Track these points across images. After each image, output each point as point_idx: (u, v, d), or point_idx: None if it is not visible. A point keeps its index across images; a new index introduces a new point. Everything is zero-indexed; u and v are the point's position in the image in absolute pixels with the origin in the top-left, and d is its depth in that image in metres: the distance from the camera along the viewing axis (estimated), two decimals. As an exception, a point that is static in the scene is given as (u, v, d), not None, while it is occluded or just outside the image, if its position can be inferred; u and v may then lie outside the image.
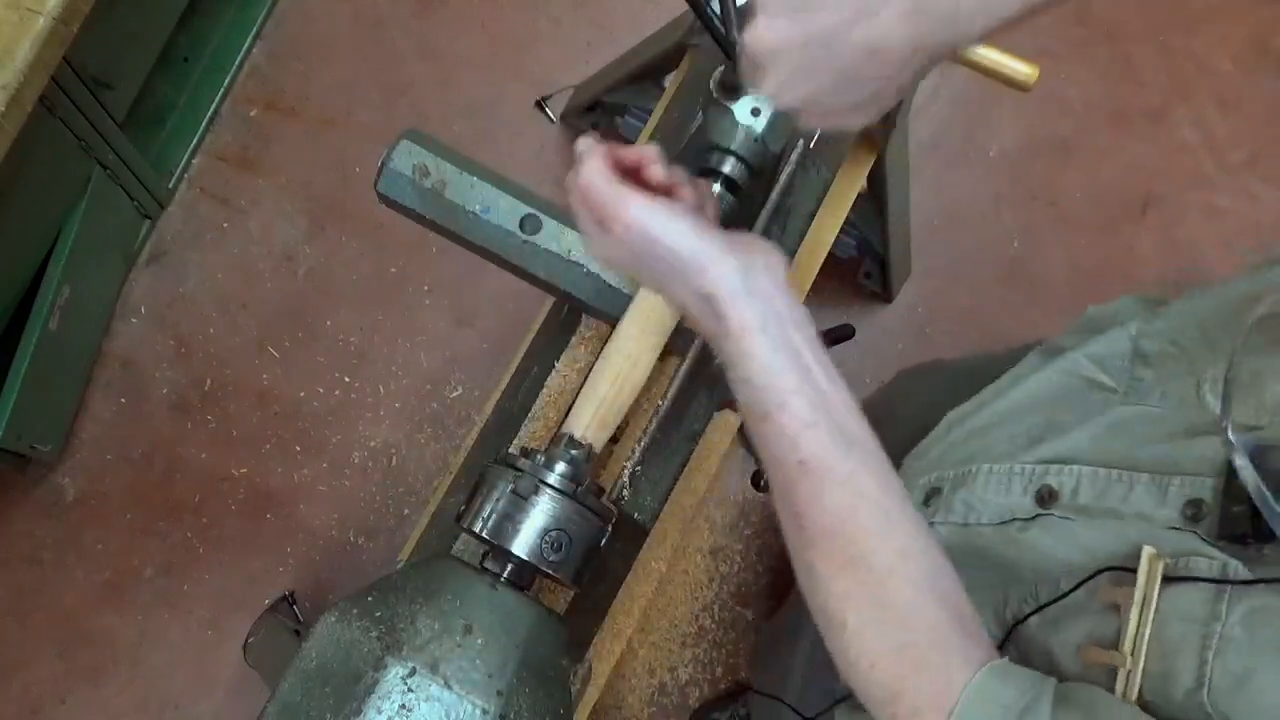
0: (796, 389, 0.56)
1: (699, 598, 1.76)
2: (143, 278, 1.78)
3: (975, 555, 0.71)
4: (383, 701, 0.59)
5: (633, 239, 0.59)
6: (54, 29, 1.04)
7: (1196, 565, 0.54)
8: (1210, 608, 0.52)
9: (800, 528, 0.56)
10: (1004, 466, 0.72)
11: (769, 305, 0.58)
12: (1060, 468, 0.68)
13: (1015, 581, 0.68)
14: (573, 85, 1.82)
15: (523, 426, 0.87)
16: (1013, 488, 0.71)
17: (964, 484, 0.74)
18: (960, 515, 0.73)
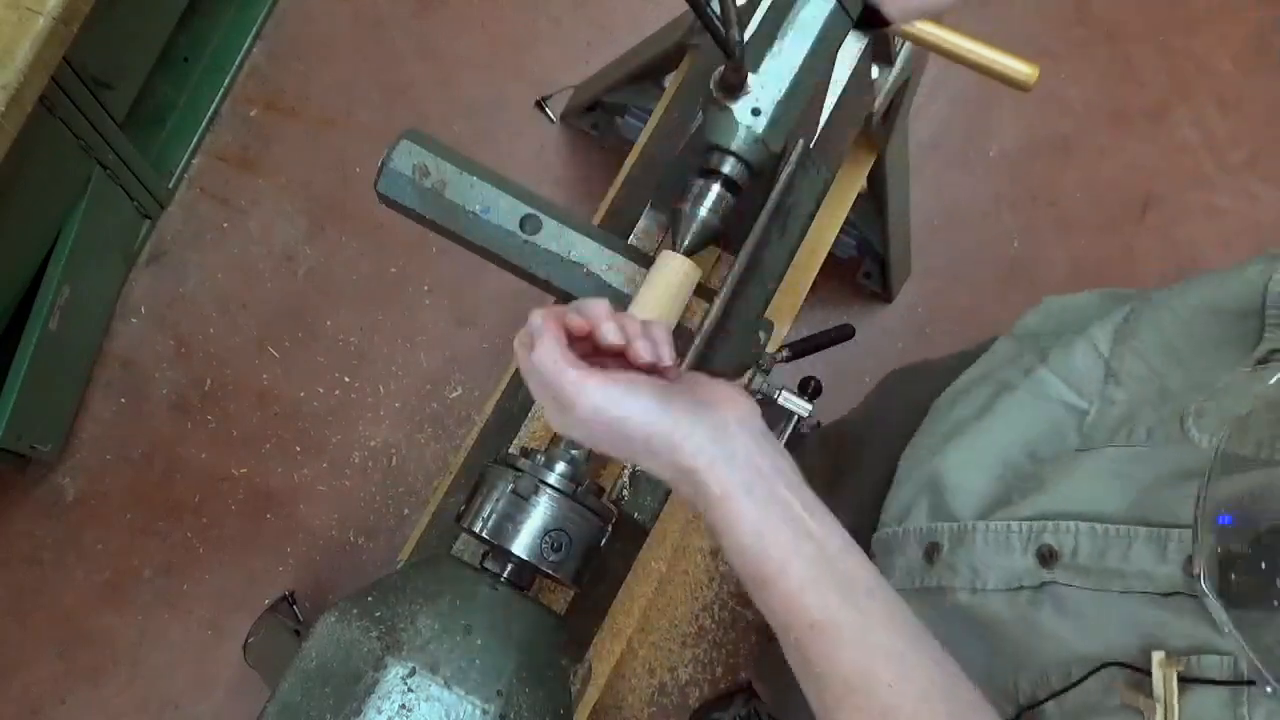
0: (794, 549, 0.54)
1: (699, 598, 1.76)
2: (143, 278, 1.78)
3: (987, 630, 0.71)
4: (383, 701, 0.59)
5: (595, 422, 0.56)
6: (54, 29, 1.04)
7: (1209, 666, 0.55)
8: (1233, 713, 0.53)
9: (822, 689, 0.55)
10: (1000, 525, 0.71)
11: (750, 465, 0.56)
12: (1057, 525, 0.67)
13: (1026, 665, 0.68)
14: (573, 85, 1.82)
15: (523, 426, 0.87)
16: (1012, 547, 0.70)
17: (963, 542, 0.74)
18: (966, 580, 0.73)
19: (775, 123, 0.74)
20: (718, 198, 0.75)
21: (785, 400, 0.79)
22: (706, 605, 1.76)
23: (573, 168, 1.88)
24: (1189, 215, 1.91)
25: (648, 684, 1.72)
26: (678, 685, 1.73)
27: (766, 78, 0.74)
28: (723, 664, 1.74)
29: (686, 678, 1.73)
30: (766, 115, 0.73)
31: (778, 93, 0.74)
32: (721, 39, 0.65)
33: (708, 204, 0.75)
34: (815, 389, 0.80)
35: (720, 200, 0.75)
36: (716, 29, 0.64)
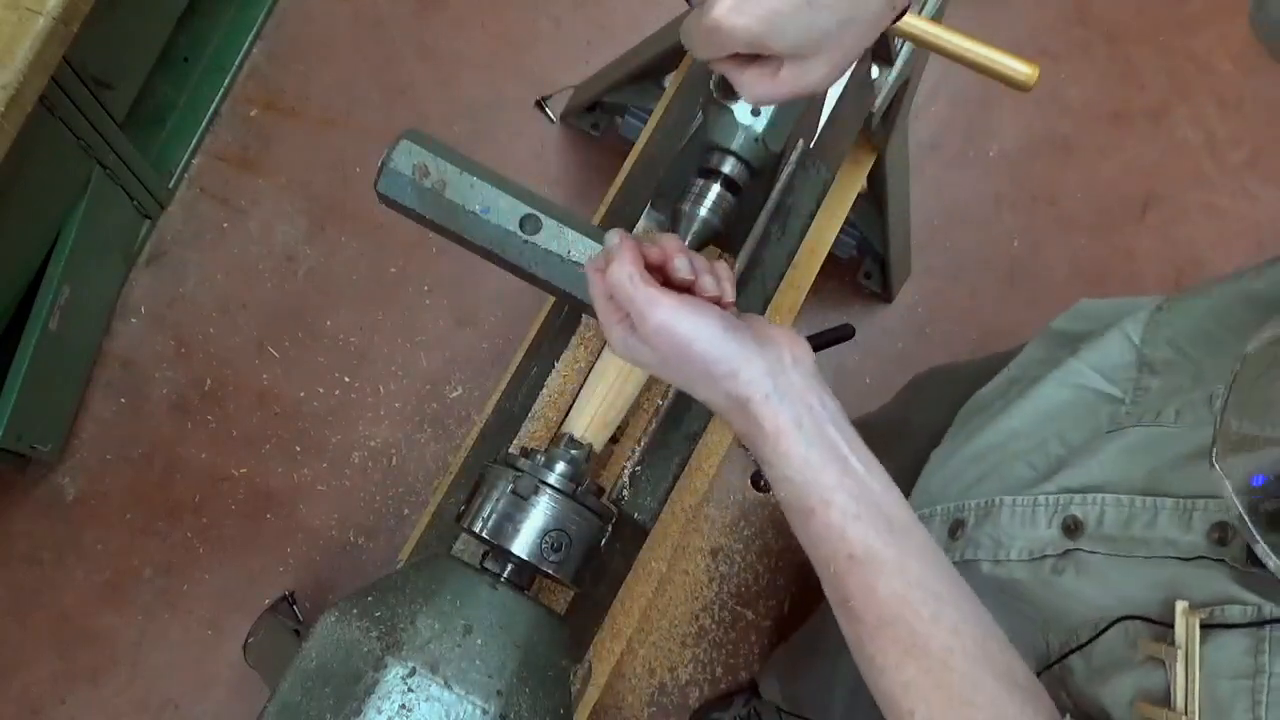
0: (838, 484, 0.56)
1: (699, 598, 1.76)
2: (143, 278, 1.78)
3: (1011, 596, 0.73)
4: (383, 701, 0.59)
5: (661, 342, 0.58)
6: (54, 29, 1.04)
7: (1231, 613, 0.56)
8: (1254, 660, 0.55)
9: (857, 620, 0.57)
10: (1027, 498, 0.73)
11: (802, 403, 0.58)
12: (1084, 497, 0.69)
13: (1051, 624, 0.70)
14: (573, 85, 1.82)
15: (523, 426, 0.87)
16: (1038, 520, 0.72)
17: (989, 518, 0.75)
18: (990, 552, 0.74)
19: (775, 123, 0.74)
20: (718, 198, 0.75)
21: (785, 400, 0.78)
22: (706, 605, 1.76)
23: (573, 168, 1.88)
24: (1189, 215, 1.91)
25: (648, 684, 1.72)
26: (678, 685, 1.73)
27: (766, 78, 0.74)
28: (723, 664, 1.74)
29: (686, 678, 1.73)
30: (766, 115, 0.73)
31: (778, 93, 0.74)
32: (721, 39, 0.65)
33: (708, 204, 0.75)
34: (815, 389, 0.80)
35: (720, 200, 0.75)
36: (716, 29, 0.64)
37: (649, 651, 1.73)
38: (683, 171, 0.79)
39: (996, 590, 0.73)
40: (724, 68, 0.57)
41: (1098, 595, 0.66)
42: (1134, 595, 0.63)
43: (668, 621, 1.74)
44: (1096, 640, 0.65)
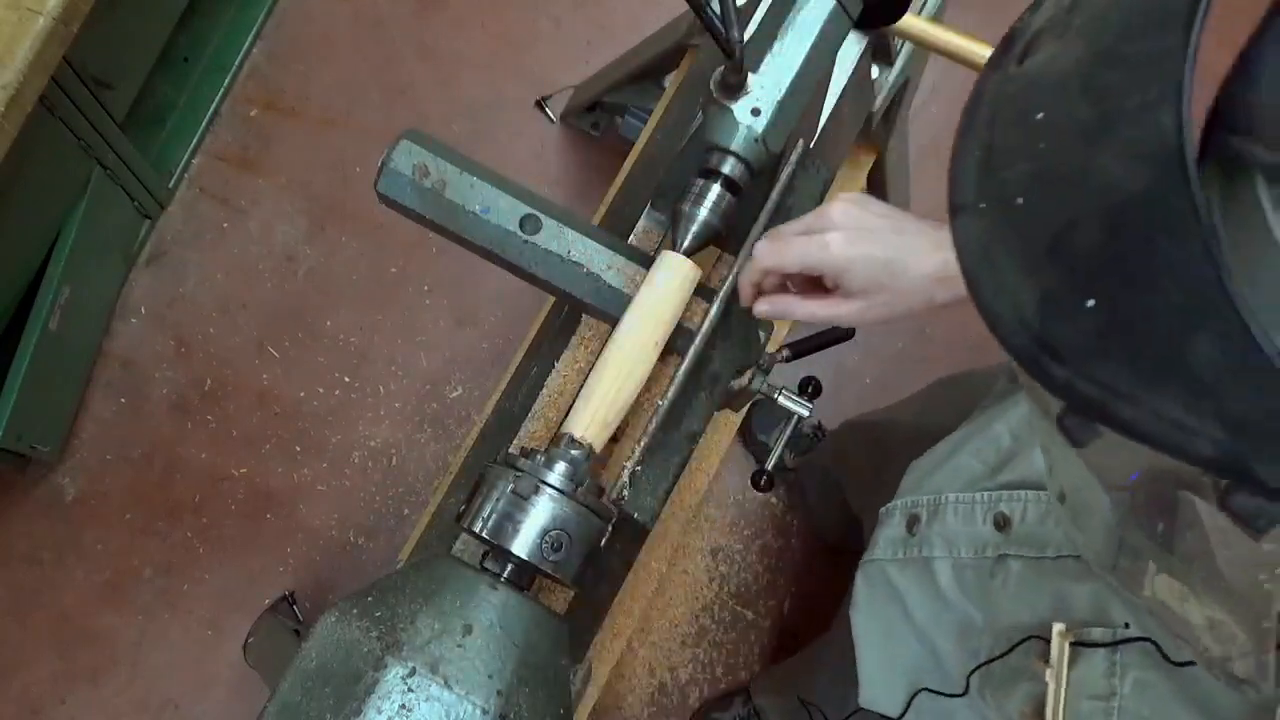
0: None
1: (699, 598, 1.76)
2: (143, 278, 1.78)
3: (968, 595, 0.79)
4: (383, 701, 0.59)
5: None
6: (54, 29, 1.04)
7: (1094, 634, 0.64)
8: (1108, 681, 0.63)
9: None
10: (968, 495, 0.79)
11: None
12: (1012, 494, 0.74)
13: (991, 630, 0.75)
14: (573, 85, 1.82)
15: (523, 426, 0.87)
16: (975, 517, 0.79)
17: (938, 515, 0.82)
18: (944, 550, 0.80)
19: (775, 123, 0.74)
20: (718, 198, 0.75)
21: (785, 400, 0.79)
22: (706, 605, 1.76)
23: (573, 168, 1.88)
24: (1189, 215, 1.91)
25: (648, 684, 1.72)
26: (678, 685, 1.73)
27: (766, 78, 0.74)
28: (723, 664, 1.74)
29: (686, 678, 1.73)
30: (766, 115, 0.73)
31: (778, 93, 0.74)
32: (721, 39, 0.65)
33: (708, 204, 0.75)
34: (815, 389, 0.80)
35: (720, 200, 0.76)
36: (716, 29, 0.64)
37: (649, 651, 1.73)
38: (683, 171, 0.79)
39: (956, 591, 0.76)
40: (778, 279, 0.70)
41: (1017, 608, 0.72)
42: (1040, 610, 0.69)
43: (668, 621, 1.74)
44: (1009, 653, 0.71)
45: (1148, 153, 0.27)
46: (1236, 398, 0.27)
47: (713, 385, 0.82)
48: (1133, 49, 0.28)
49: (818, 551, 1.79)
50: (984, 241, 0.34)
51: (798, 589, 1.78)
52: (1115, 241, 0.28)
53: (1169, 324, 0.27)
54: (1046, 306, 0.31)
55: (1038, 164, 0.31)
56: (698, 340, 0.75)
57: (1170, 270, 0.26)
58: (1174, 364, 0.27)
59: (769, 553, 1.79)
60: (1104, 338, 0.29)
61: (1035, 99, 0.32)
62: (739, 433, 1.66)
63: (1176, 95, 0.26)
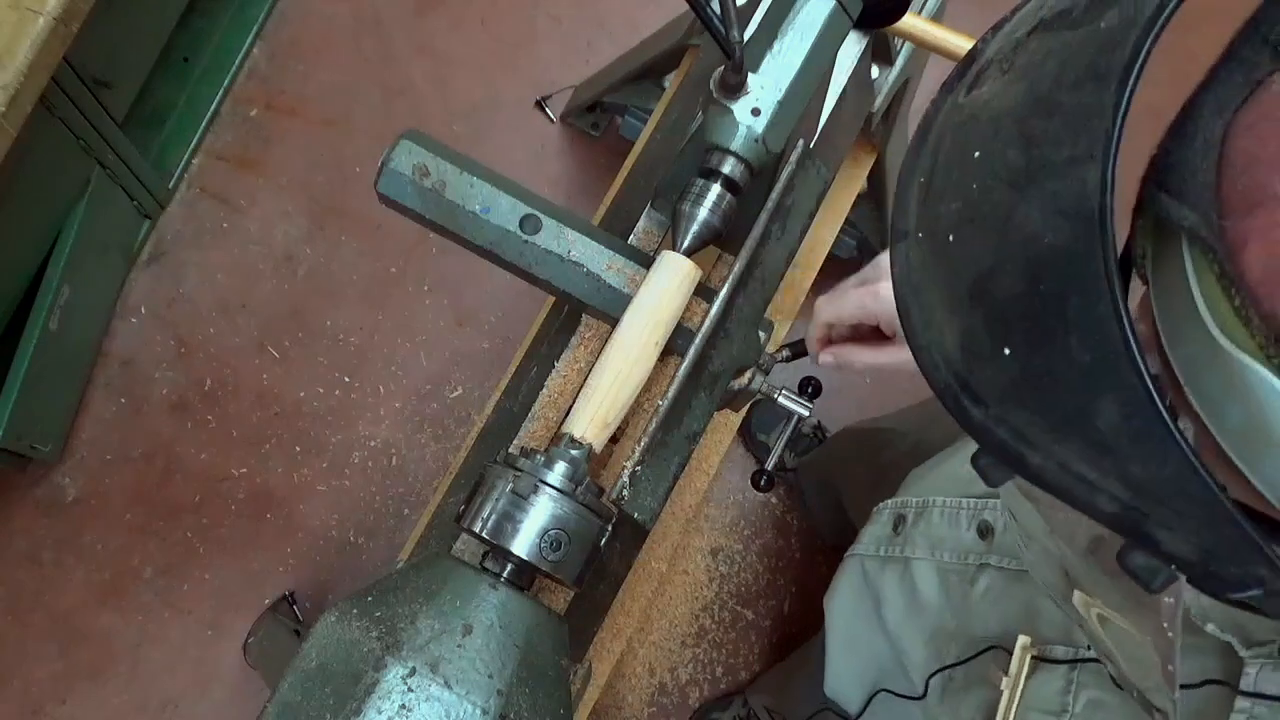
0: None
1: (699, 598, 1.76)
2: (143, 278, 1.78)
3: (945, 601, 0.80)
4: (383, 701, 0.59)
5: None
6: (54, 29, 1.04)
7: (1055, 651, 0.66)
8: (1062, 698, 0.63)
9: None
10: (954, 501, 0.79)
11: None
12: (996, 502, 0.74)
13: (959, 637, 0.76)
14: (573, 85, 1.82)
15: (523, 426, 0.87)
16: (960, 521, 0.79)
17: (923, 516, 0.82)
18: (926, 551, 0.80)
19: (775, 123, 0.74)
20: (718, 198, 0.75)
21: (785, 400, 0.79)
22: (706, 605, 1.76)
23: (573, 168, 1.88)
24: (1189, 215, 1.91)
25: (648, 684, 1.72)
26: (678, 685, 1.73)
27: (766, 78, 0.74)
28: (723, 664, 1.74)
29: (686, 678, 1.73)
30: (766, 115, 0.73)
31: (778, 93, 0.74)
32: (721, 39, 0.65)
33: (708, 204, 0.75)
34: (815, 389, 0.80)
35: (720, 200, 0.76)
36: (716, 29, 0.64)
37: (649, 651, 1.73)
38: (683, 171, 0.79)
39: (937, 593, 0.77)
40: (846, 329, 0.72)
41: (989, 617, 0.73)
42: (1012, 617, 0.70)
43: (668, 621, 1.74)
44: (972, 660, 0.72)
45: (1069, 208, 0.27)
46: (1136, 462, 0.27)
47: (713, 385, 0.82)
48: (1068, 99, 0.28)
49: (818, 551, 1.79)
50: (917, 273, 0.33)
51: (798, 589, 1.78)
52: (1032, 293, 0.27)
53: (1077, 382, 0.27)
54: (968, 348, 0.30)
55: (969, 204, 0.30)
56: (698, 340, 0.75)
57: (1080, 330, 0.26)
58: (1080, 422, 0.27)
59: (769, 553, 1.79)
60: (1018, 387, 0.29)
61: (974, 135, 0.31)
62: (739, 433, 1.66)
63: (1104, 153, 0.26)
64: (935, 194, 0.33)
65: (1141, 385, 0.25)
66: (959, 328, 0.31)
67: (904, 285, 0.34)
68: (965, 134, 0.32)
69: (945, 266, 0.31)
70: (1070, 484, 0.29)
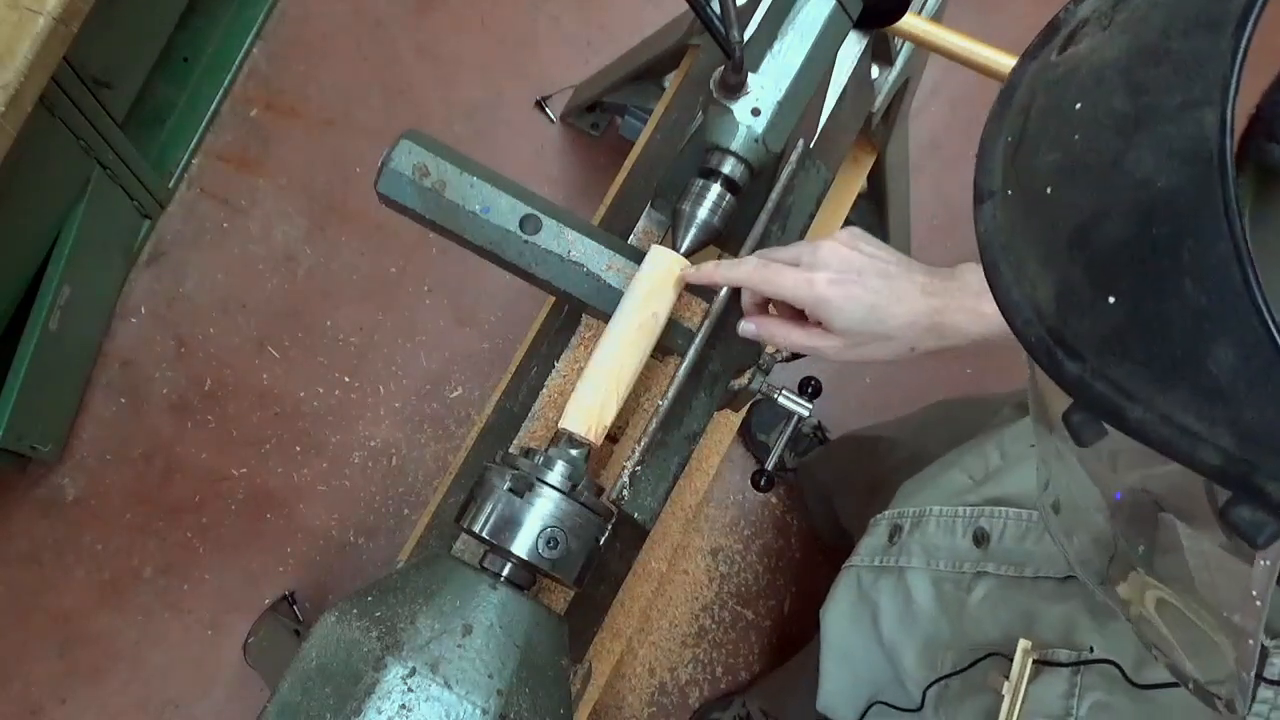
0: None
1: (699, 598, 1.76)
2: (143, 278, 1.78)
3: (940, 608, 0.79)
4: (383, 701, 0.59)
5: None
6: (54, 29, 1.04)
7: (1059, 655, 0.65)
8: (1065, 702, 0.63)
9: None
10: (950, 509, 0.80)
11: None
12: (992, 510, 0.74)
13: (955, 645, 0.75)
14: (573, 85, 1.82)
15: (523, 426, 0.87)
16: (956, 530, 0.80)
17: (920, 526, 0.82)
18: (922, 560, 0.79)
19: (775, 123, 0.74)
20: (718, 198, 0.75)
21: (785, 400, 0.79)
22: (706, 605, 1.76)
23: (573, 168, 1.88)
24: (1189, 215, 1.91)
25: (648, 684, 1.72)
26: (678, 685, 1.73)
27: (766, 78, 0.74)
28: (723, 664, 1.74)
29: (686, 678, 1.73)
30: (766, 115, 0.73)
31: (778, 93, 0.74)
32: (721, 39, 0.65)
33: (708, 204, 0.75)
34: (815, 389, 0.80)
35: (720, 200, 0.76)
36: (716, 29, 0.64)
37: (649, 651, 1.73)
38: (683, 171, 0.79)
39: (931, 603, 0.77)
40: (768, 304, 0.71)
41: (986, 625, 0.72)
42: (1009, 625, 0.70)
43: (668, 621, 1.74)
44: (971, 668, 0.72)
45: (1185, 150, 0.26)
46: (1252, 407, 0.26)
47: (713, 385, 0.82)
48: (1179, 46, 0.27)
49: (818, 551, 1.80)
50: (1007, 230, 0.33)
51: (798, 589, 1.78)
52: (1142, 238, 0.27)
53: (1190, 326, 0.26)
54: (1065, 300, 0.30)
55: (1069, 154, 0.30)
56: (698, 340, 0.75)
57: (1196, 272, 0.26)
58: (1191, 368, 0.27)
59: (769, 553, 1.79)
60: (1122, 336, 0.28)
61: (1073, 89, 0.31)
62: (739, 433, 1.66)
63: (1223, 96, 0.26)
64: (1028, 149, 0.32)
65: (1262, 325, 0.25)
66: (1055, 280, 0.30)
67: (991, 244, 0.33)
68: (1063, 89, 0.31)
69: (1041, 219, 0.31)
70: (1173, 437, 0.28)
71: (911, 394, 1.46)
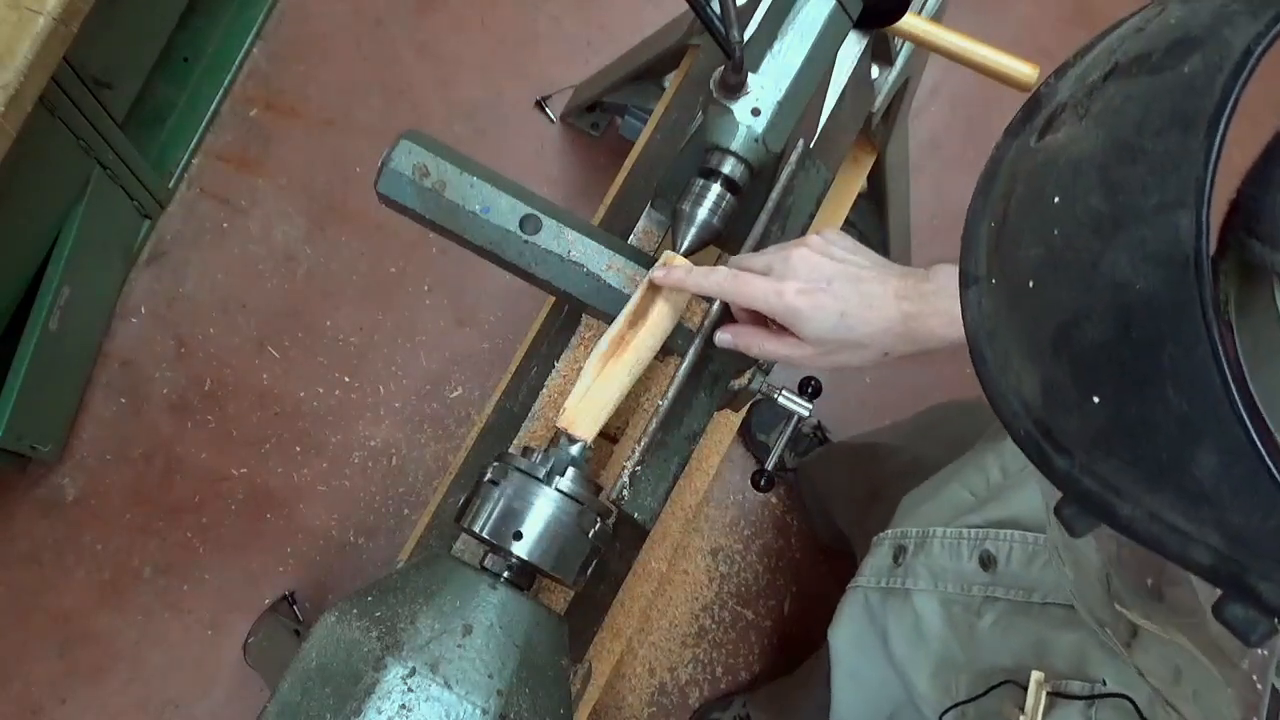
0: None
1: (699, 598, 1.76)
2: (143, 278, 1.78)
3: (952, 633, 0.79)
4: (383, 702, 0.59)
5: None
6: (54, 29, 1.04)
7: (1072, 687, 0.64)
8: None
9: None
10: (954, 531, 0.79)
11: None
12: (997, 533, 0.74)
13: (968, 670, 0.75)
14: (573, 85, 1.82)
15: (523, 426, 0.87)
16: (961, 553, 0.79)
17: (924, 547, 0.82)
18: (929, 583, 0.79)
19: (775, 123, 0.74)
20: (718, 198, 0.75)
21: (785, 400, 0.79)
22: (706, 605, 1.76)
23: (573, 168, 1.88)
24: (1189, 215, 1.91)
25: (648, 684, 1.72)
26: (678, 685, 1.73)
27: (766, 78, 0.74)
28: (723, 664, 1.74)
29: (686, 678, 1.73)
30: (766, 115, 0.73)
31: (778, 93, 0.74)
32: (721, 39, 0.65)
33: (708, 204, 0.75)
34: (815, 389, 0.80)
35: (720, 200, 0.76)
36: (716, 29, 0.64)
37: (649, 651, 1.73)
38: (683, 171, 0.79)
39: (941, 624, 0.77)
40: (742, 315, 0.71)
41: (998, 650, 0.72)
42: (1020, 654, 0.69)
43: (668, 621, 1.74)
44: (985, 696, 0.71)
45: (1162, 254, 0.26)
46: (1237, 511, 0.26)
47: (713, 385, 0.82)
48: (1153, 146, 0.27)
49: (818, 551, 1.80)
50: (992, 318, 0.33)
51: (798, 589, 1.78)
52: (1122, 341, 0.27)
53: (1173, 431, 0.26)
54: (1050, 397, 0.30)
55: (1050, 250, 0.30)
56: (698, 340, 0.75)
57: (1176, 377, 0.26)
58: (1176, 470, 0.27)
59: (769, 553, 1.79)
60: (1107, 435, 0.28)
61: (1052, 181, 0.30)
62: (739, 433, 1.66)
63: (1198, 198, 0.26)
64: (1010, 239, 0.32)
65: (1244, 432, 0.24)
66: (1040, 376, 0.30)
67: (978, 331, 0.34)
68: (1042, 180, 0.31)
69: (1024, 313, 0.31)
70: (1163, 535, 0.28)
71: (912, 393, 1.46)
